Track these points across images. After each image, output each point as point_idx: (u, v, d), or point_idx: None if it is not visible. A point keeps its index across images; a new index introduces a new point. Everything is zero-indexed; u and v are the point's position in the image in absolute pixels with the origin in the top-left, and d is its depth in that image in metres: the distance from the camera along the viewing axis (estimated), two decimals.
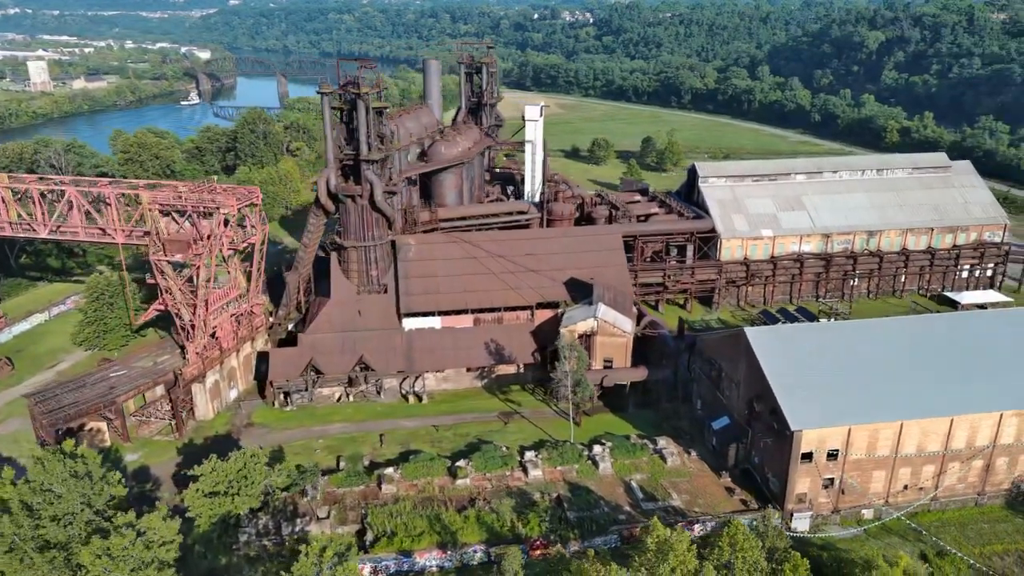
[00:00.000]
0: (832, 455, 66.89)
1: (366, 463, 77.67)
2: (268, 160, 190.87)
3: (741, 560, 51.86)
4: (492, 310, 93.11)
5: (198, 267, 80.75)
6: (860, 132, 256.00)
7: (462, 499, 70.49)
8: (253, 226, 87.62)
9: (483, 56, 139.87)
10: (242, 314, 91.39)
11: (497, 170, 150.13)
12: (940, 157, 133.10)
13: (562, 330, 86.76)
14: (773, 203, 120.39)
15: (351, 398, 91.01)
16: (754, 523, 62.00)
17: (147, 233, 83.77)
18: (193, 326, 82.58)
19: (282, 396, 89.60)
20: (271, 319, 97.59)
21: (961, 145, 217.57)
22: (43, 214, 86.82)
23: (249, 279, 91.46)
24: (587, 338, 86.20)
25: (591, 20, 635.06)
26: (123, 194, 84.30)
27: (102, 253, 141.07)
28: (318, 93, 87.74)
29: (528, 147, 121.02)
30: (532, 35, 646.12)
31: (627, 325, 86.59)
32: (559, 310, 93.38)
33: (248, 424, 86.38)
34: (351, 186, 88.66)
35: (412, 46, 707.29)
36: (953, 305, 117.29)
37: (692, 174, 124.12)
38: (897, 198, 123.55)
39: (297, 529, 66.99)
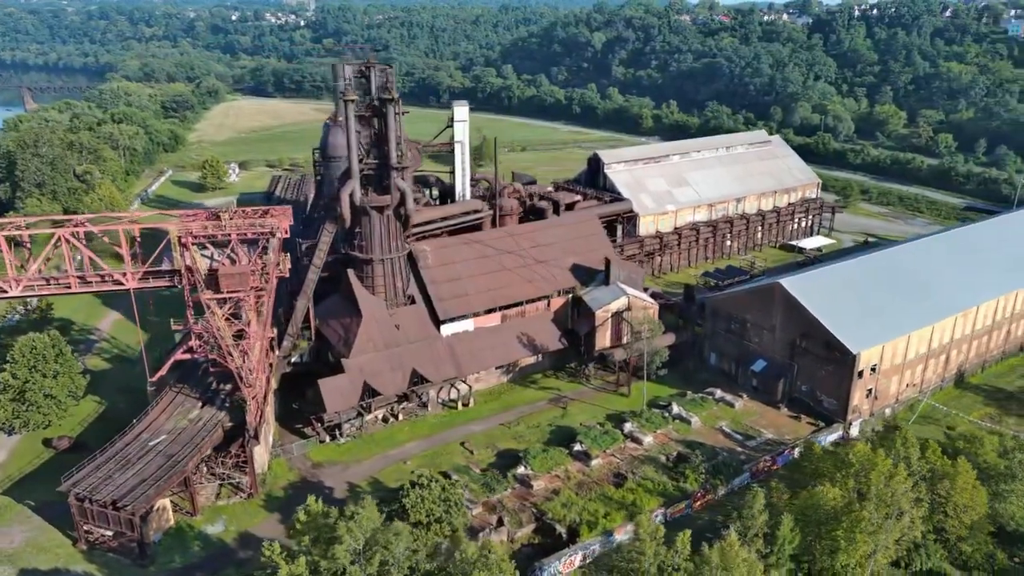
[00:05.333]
0: (872, 369, 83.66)
1: (477, 471, 76.69)
2: (61, 190, 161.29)
3: (914, 454, 64.91)
4: (515, 305, 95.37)
5: (258, 303, 71.79)
6: (618, 120, 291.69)
7: (609, 477, 74.22)
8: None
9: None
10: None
11: None
12: (762, 134, 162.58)
13: (596, 312, 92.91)
14: (665, 182, 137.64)
15: (399, 417, 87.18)
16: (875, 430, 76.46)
17: (172, 272, 71.86)
18: (250, 370, 72.90)
19: (323, 429, 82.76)
20: (276, 353, 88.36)
21: (706, 127, 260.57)
22: (10, 266, 69.18)
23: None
24: (618, 315, 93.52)
25: (302, 23, 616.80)
26: (134, 232, 70.85)
27: None
28: (342, 100, 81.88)
29: (458, 147, 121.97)
30: (238, 38, 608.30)
31: (649, 298, 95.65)
32: (569, 295, 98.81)
33: (316, 464, 78.77)
34: (380, 196, 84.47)
35: (88, 52, 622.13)
36: (800, 251, 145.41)
37: (596, 162, 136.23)
38: (745, 169, 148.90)
39: (479, 544, 65.24)
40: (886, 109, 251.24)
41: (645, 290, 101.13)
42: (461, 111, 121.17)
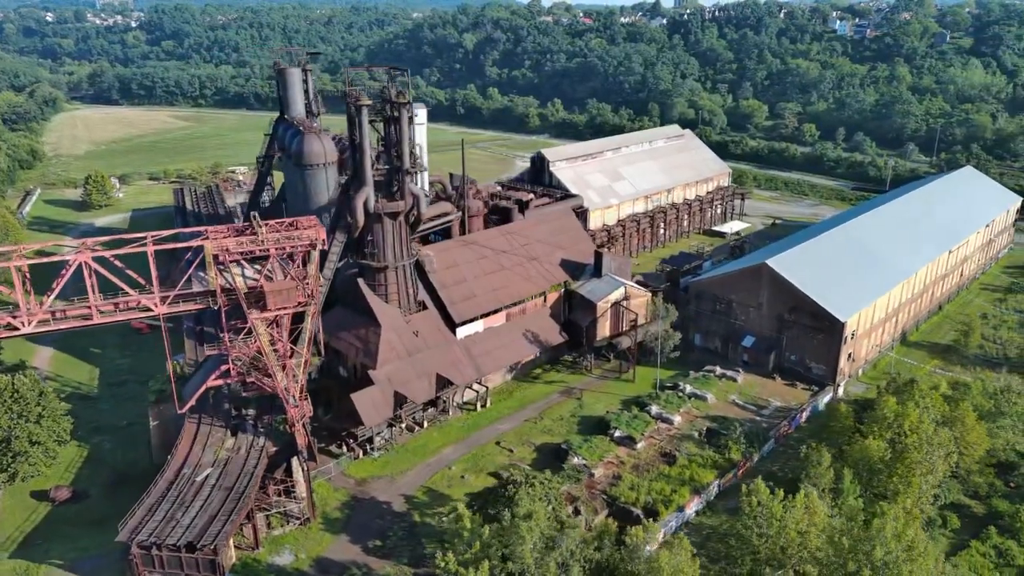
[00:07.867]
0: (852, 335, 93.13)
1: (525, 467, 77.45)
2: None
3: (931, 406, 73.63)
4: (518, 303, 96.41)
5: (303, 319, 68.36)
6: (504, 120, 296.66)
7: (658, 457, 77.68)
8: None
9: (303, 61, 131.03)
10: None
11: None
12: (676, 129, 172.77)
13: (598, 303, 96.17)
14: (604, 177, 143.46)
15: (424, 424, 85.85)
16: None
17: (206, 293, 66.90)
18: (296, 391, 69.23)
19: (351, 444, 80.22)
20: None
21: (594, 123, 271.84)
22: (22, 299, 61.28)
23: None
24: (617, 305, 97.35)
25: (133, 24, 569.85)
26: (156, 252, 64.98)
27: None
28: (356, 105, 79.04)
29: (417, 150, 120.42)
30: (58, 41, 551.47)
31: (640, 287, 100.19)
32: (562, 290, 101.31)
33: (361, 481, 75.99)
34: (393, 203, 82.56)
35: None
36: (721, 236, 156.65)
37: (540, 161, 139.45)
38: (669, 162, 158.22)
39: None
40: (750, 103, 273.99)
41: (632, 277, 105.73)
42: (420, 114, 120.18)
